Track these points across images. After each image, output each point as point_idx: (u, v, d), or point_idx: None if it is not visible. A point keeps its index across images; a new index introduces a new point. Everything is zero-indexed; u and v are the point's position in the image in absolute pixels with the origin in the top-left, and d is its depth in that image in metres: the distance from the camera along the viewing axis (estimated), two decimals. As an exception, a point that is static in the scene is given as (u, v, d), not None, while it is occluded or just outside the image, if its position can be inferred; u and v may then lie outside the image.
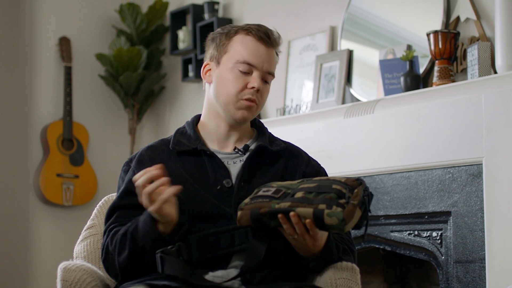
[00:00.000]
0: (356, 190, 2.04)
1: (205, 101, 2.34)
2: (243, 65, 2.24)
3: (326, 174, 2.37)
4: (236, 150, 2.29)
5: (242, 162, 2.27)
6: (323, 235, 2.12)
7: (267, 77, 2.28)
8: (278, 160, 2.31)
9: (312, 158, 2.39)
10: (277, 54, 2.32)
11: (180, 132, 2.34)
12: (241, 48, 2.25)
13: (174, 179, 2.17)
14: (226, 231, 2.13)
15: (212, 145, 2.31)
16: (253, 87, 2.24)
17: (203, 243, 2.12)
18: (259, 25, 2.29)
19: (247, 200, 2.09)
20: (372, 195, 2.07)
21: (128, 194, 2.23)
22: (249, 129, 2.37)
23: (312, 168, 2.34)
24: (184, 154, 2.28)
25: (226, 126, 2.30)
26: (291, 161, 2.32)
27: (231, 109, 2.26)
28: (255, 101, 2.25)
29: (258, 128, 2.38)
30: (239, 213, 2.08)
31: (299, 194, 2.04)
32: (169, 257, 2.08)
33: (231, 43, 2.27)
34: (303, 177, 2.26)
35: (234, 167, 2.27)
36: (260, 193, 2.09)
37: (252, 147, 2.31)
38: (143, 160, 2.28)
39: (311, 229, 2.04)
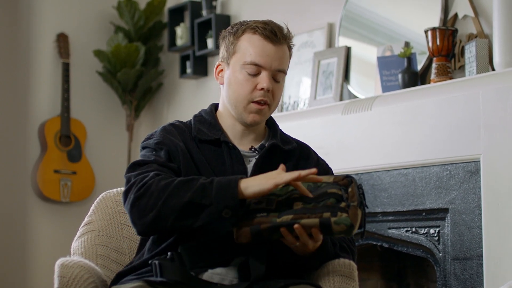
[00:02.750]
0: (350, 190, 2.03)
1: (221, 100, 2.33)
2: (251, 66, 2.21)
3: (332, 174, 2.36)
4: (253, 149, 2.28)
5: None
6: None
7: (277, 75, 2.24)
8: (290, 159, 2.30)
9: (321, 158, 2.38)
10: (289, 48, 2.28)
11: (199, 120, 2.31)
12: (248, 48, 2.22)
13: (195, 163, 2.18)
14: (218, 240, 2.13)
15: (230, 140, 2.29)
16: (262, 88, 2.21)
17: (195, 253, 2.12)
18: (266, 23, 2.24)
19: None
20: (363, 188, 2.07)
21: (171, 158, 2.18)
22: (264, 127, 2.35)
23: (320, 168, 2.33)
24: (205, 142, 2.25)
25: (241, 126, 2.29)
26: (301, 162, 2.32)
27: (242, 112, 2.24)
28: (266, 102, 2.23)
29: (270, 126, 2.37)
30: (235, 231, 2.04)
31: (298, 205, 2.02)
32: (166, 262, 2.07)
33: (239, 43, 2.24)
34: None
35: (250, 165, 2.26)
36: (252, 206, 2.05)
37: (266, 145, 2.29)
38: (170, 131, 2.24)
39: (316, 237, 2.03)
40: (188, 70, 5.13)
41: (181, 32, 5.19)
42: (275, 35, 2.23)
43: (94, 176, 5.36)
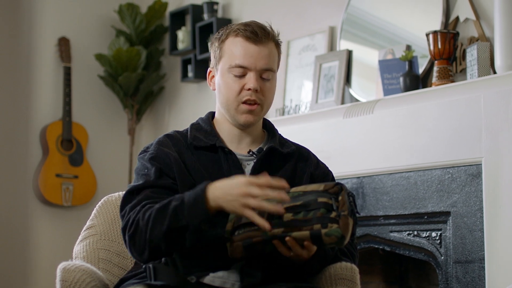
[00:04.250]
0: (340, 198, 2.03)
1: (216, 106, 2.34)
2: (236, 69, 2.22)
3: (333, 178, 2.37)
4: (251, 153, 2.28)
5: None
6: None
7: (265, 74, 2.24)
8: (288, 162, 2.30)
9: (321, 161, 2.38)
10: (277, 46, 2.27)
11: (196, 127, 2.31)
12: (232, 51, 2.23)
13: (189, 171, 2.18)
14: (212, 245, 2.12)
15: (227, 145, 2.29)
16: (249, 89, 2.21)
17: (189, 258, 2.12)
18: (247, 24, 2.25)
19: (229, 227, 2.05)
20: (354, 195, 2.08)
21: (162, 174, 2.18)
22: (261, 131, 2.36)
23: (320, 171, 2.33)
24: (201, 149, 2.25)
25: (237, 130, 2.29)
26: (300, 164, 2.32)
27: (235, 114, 2.24)
28: (256, 102, 2.23)
29: (268, 130, 2.37)
30: (228, 246, 2.05)
31: (288, 216, 2.02)
32: (161, 265, 2.08)
33: (224, 47, 2.25)
34: (310, 179, 2.27)
35: (248, 169, 2.26)
36: (244, 220, 2.05)
37: (264, 149, 2.29)
38: (164, 143, 2.25)
39: (309, 249, 2.04)
40: (190, 74, 5.13)
41: (183, 36, 5.20)
42: (256, 35, 2.22)
43: (95, 180, 5.36)
